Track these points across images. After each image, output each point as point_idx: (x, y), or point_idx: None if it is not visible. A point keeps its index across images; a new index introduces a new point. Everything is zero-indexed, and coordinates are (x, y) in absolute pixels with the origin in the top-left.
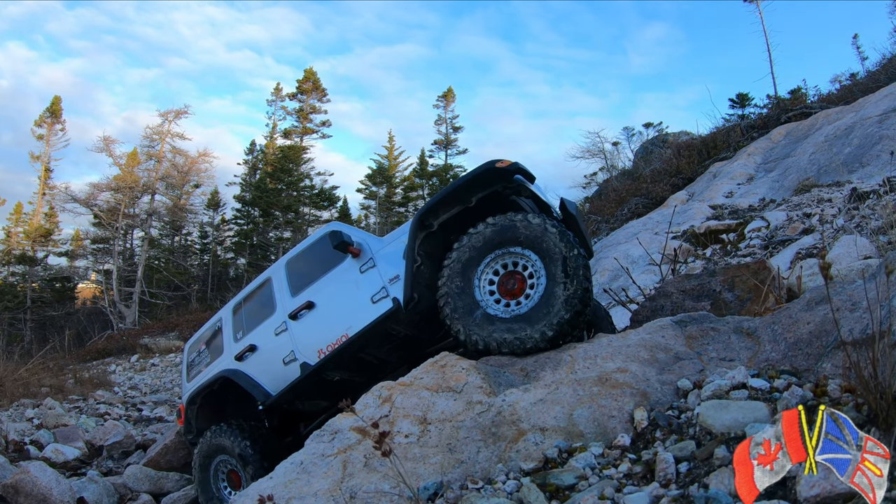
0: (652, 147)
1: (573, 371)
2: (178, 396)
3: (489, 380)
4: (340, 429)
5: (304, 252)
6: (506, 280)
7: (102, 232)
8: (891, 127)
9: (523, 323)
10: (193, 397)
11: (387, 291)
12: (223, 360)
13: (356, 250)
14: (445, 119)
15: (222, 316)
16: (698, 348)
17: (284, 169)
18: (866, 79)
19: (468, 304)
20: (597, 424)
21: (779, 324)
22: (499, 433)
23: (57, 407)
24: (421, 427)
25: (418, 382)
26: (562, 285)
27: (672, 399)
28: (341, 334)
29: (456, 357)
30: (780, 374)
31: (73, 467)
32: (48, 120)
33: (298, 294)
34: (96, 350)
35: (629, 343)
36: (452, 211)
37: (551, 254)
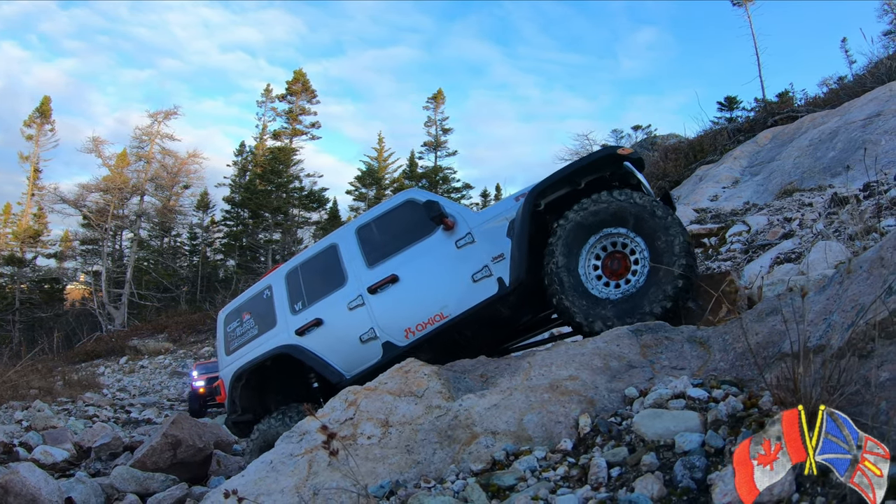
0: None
1: (528, 378)
2: (167, 399)
3: (449, 385)
4: (308, 430)
5: (380, 219)
6: (609, 260)
7: (91, 233)
8: (874, 132)
9: (635, 302)
10: (240, 374)
11: (490, 270)
12: (278, 333)
13: (451, 223)
14: (435, 121)
15: (271, 283)
16: (652, 357)
17: (274, 170)
18: (853, 82)
19: (576, 284)
20: (544, 429)
21: (730, 334)
22: (454, 436)
23: (46, 409)
24: (383, 429)
25: (382, 387)
26: (669, 257)
27: (618, 406)
28: (435, 313)
29: (419, 364)
30: (721, 385)
31: (62, 468)
32: (38, 120)
33: (376, 266)
34: (85, 352)
35: (584, 351)
36: (560, 192)
37: (654, 232)
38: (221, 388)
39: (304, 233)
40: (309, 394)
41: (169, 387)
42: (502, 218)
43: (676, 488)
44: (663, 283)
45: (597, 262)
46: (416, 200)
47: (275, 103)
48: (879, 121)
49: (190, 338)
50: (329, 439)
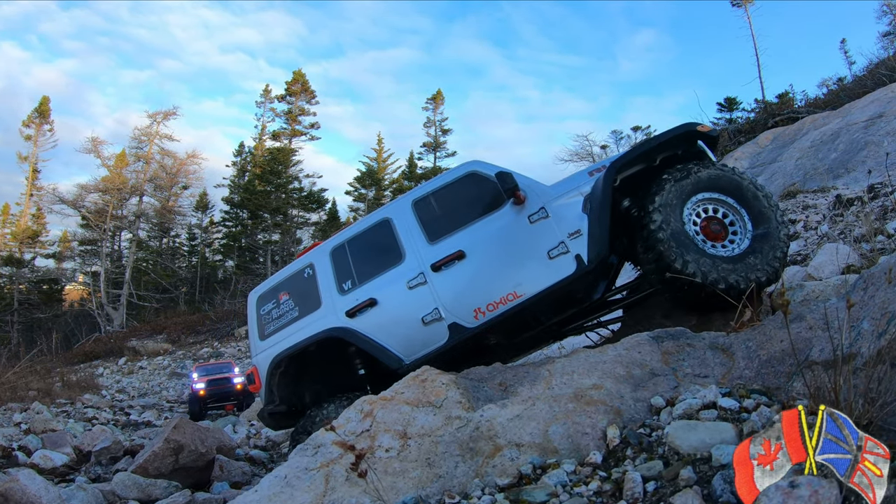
0: None
1: (550, 387)
2: (167, 400)
3: (468, 395)
4: (323, 443)
5: (439, 192)
6: (709, 223)
7: (90, 233)
8: (876, 133)
9: (744, 262)
10: (279, 360)
11: (567, 247)
12: (323, 315)
13: (523, 196)
14: (434, 121)
15: (313, 260)
16: (674, 364)
17: (273, 171)
18: (853, 84)
19: (686, 239)
20: (571, 441)
21: (753, 340)
22: (476, 448)
23: (45, 411)
24: (401, 441)
25: (399, 397)
26: (768, 232)
27: (645, 416)
28: (507, 292)
29: (437, 372)
30: (750, 394)
31: (62, 473)
32: (36, 120)
33: (439, 241)
34: (84, 353)
35: (605, 359)
36: (636, 168)
37: (754, 203)
38: (255, 376)
39: (303, 233)
40: (350, 381)
41: (168, 388)
42: (577, 193)
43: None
44: (766, 254)
45: (696, 221)
46: (480, 173)
47: (274, 104)
48: (881, 122)
49: (189, 339)
50: (358, 459)
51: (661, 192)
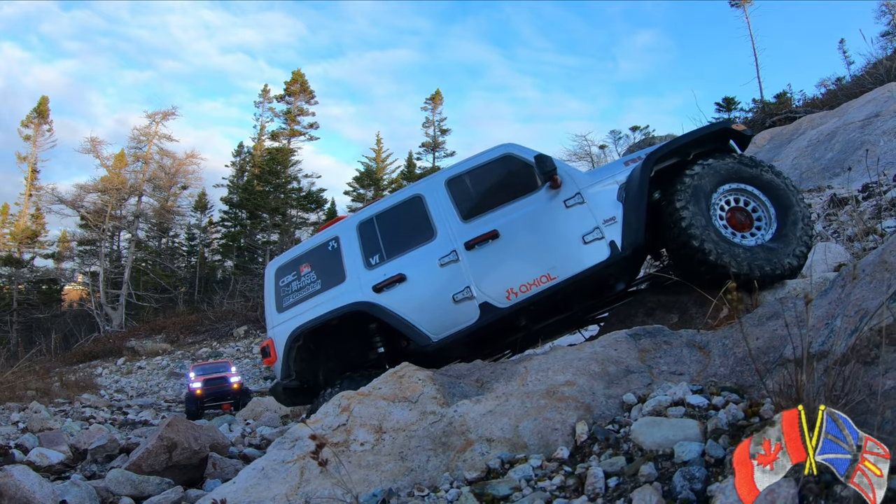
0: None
1: (525, 383)
2: (164, 400)
3: (444, 391)
4: (300, 436)
5: (475, 171)
6: (734, 213)
7: (89, 234)
8: (873, 132)
9: (772, 251)
10: (299, 333)
11: (602, 233)
12: (349, 288)
13: (559, 181)
14: (433, 121)
15: (339, 234)
16: (650, 361)
17: (272, 171)
18: (851, 83)
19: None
20: (540, 437)
21: (729, 338)
22: (448, 443)
23: (42, 411)
24: (376, 436)
25: (376, 392)
26: (793, 210)
27: (616, 413)
28: (541, 274)
29: (414, 368)
30: (721, 391)
31: (58, 471)
32: (35, 120)
33: (473, 220)
34: (83, 353)
35: (582, 356)
36: (670, 161)
37: (779, 193)
38: (271, 348)
39: (302, 234)
40: (368, 361)
41: (166, 388)
42: (612, 181)
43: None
44: (791, 243)
45: (722, 213)
46: (515, 155)
47: (273, 104)
48: (878, 122)
49: (188, 339)
50: (318, 448)
51: (687, 184)
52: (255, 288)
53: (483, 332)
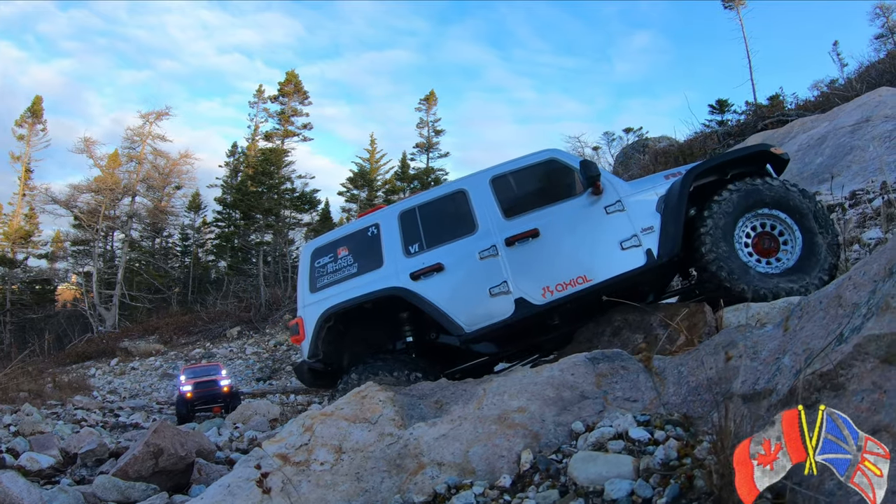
0: (632, 152)
1: (480, 407)
2: (157, 402)
3: (402, 412)
4: (265, 454)
5: (518, 173)
6: (761, 238)
7: (83, 234)
8: (862, 137)
9: (798, 274)
10: (331, 314)
11: (639, 240)
12: (385, 274)
13: (602, 187)
14: (427, 122)
15: (380, 221)
16: (606, 387)
17: (265, 172)
18: (844, 86)
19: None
20: (488, 463)
21: (685, 365)
22: (402, 465)
23: (34, 413)
24: (336, 455)
25: (339, 412)
26: (819, 235)
27: (564, 441)
28: (578, 275)
29: (377, 388)
30: (665, 425)
31: (48, 475)
32: (29, 120)
33: (514, 218)
34: (76, 353)
35: (538, 380)
36: (709, 178)
37: (801, 210)
38: (301, 326)
39: (296, 234)
40: (392, 348)
41: (159, 389)
42: (652, 192)
43: None
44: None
45: (748, 239)
46: (559, 160)
47: (267, 104)
48: (868, 126)
49: (181, 339)
50: (263, 477)
51: (714, 210)
52: (249, 289)
53: (516, 328)
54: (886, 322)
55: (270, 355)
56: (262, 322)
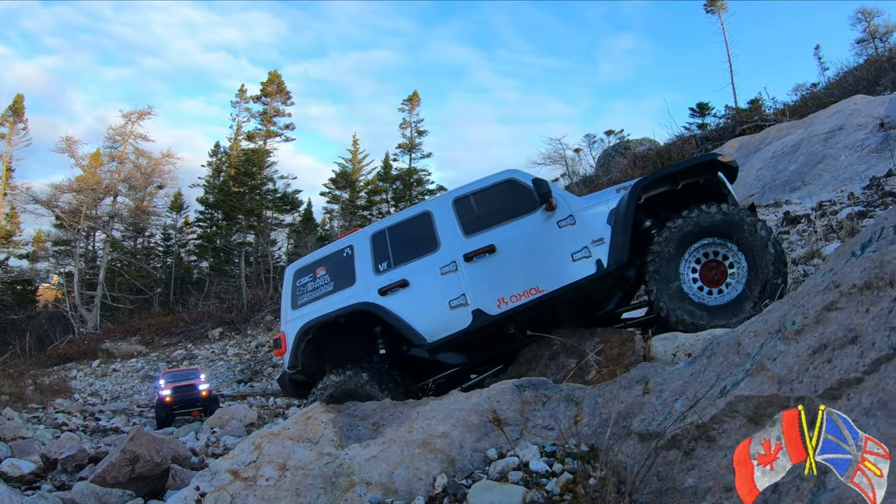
0: (614, 153)
1: (410, 431)
2: (137, 405)
3: (341, 434)
4: (218, 470)
5: (479, 193)
6: (707, 268)
7: (64, 234)
8: (834, 146)
9: (731, 309)
10: (308, 328)
11: (589, 252)
12: (357, 290)
13: (554, 203)
14: (410, 123)
15: (354, 242)
16: (528, 414)
17: (247, 172)
18: (822, 92)
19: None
20: (409, 484)
21: (602, 396)
22: (337, 483)
23: (16, 417)
24: (280, 472)
25: (285, 432)
26: (763, 277)
27: (478, 467)
28: (531, 286)
29: (322, 410)
30: (565, 458)
31: (29, 481)
32: (10, 119)
33: (474, 235)
34: (57, 355)
35: (466, 406)
36: (660, 189)
37: (752, 247)
38: (283, 341)
39: (278, 234)
40: (369, 359)
41: (140, 391)
42: (604, 206)
43: None
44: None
45: (696, 266)
46: (517, 180)
47: (249, 104)
48: (841, 135)
49: (162, 340)
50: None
51: (663, 237)
52: (231, 290)
53: (473, 336)
54: (757, 384)
55: (252, 356)
56: (244, 323)
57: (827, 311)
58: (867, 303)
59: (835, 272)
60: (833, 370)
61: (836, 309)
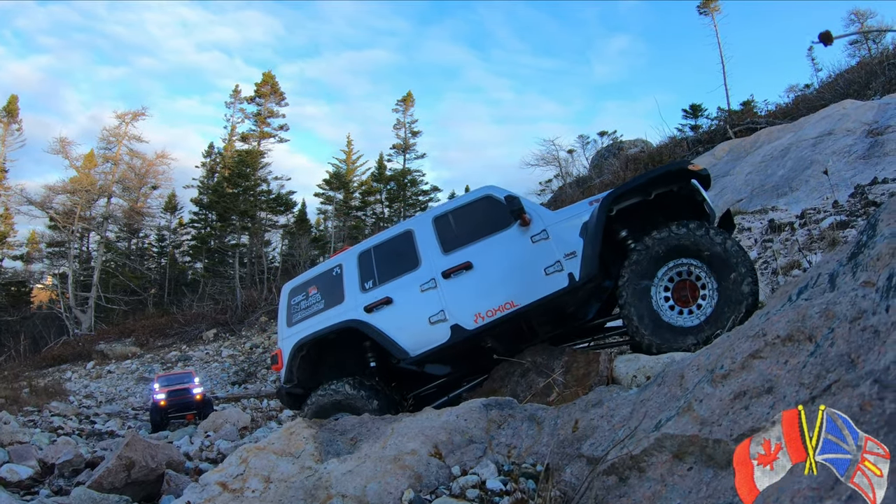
0: (607, 153)
1: (385, 447)
2: (132, 407)
3: (322, 448)
4: (208, 482)
5: (458, 211)
6: (680, 288)
7: (58, 235)
8: (823, 151)
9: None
10: (302, 345)
11: (562, 265)
12: (345, 308)
13: (528, 219)
14: (405, 123)
15: (342, 262)
16: (493, 432)
17: (241, 174)
18: (814, 94)
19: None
20: (379, 498)
21: (560, 418)
22: (315, 495)
23: (12, 421)
24: (265, 485)
25: (270, 447)
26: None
27: (443, 483)
28: (505, 301)
29: (304, 426)
30: (519, 477)
31: (27, 486)
32: (4, 120)
33: (452, 252)
34: (52, 356)
35: (436, 424)
36: (632, 200)
37: (721, 266)
38: (279, 357)
39: (272, 236)
40: (363, 372)
41: (135, 393)
42: (576, 219)
43: None
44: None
45: (668, 285)
46: (494, 197)
47: (243, 105)
48: (830, 140)
49: (157, 342)
50: None
51: (633, 259)
52: (225, 291)
53: (453, 350)
54: (683, 423)
55: (246, 358)
56: (239, 324)
57: (752, 358)
58: (787, 355)
59: (768, 316)
60: (748, 417)
61: (759, 357)
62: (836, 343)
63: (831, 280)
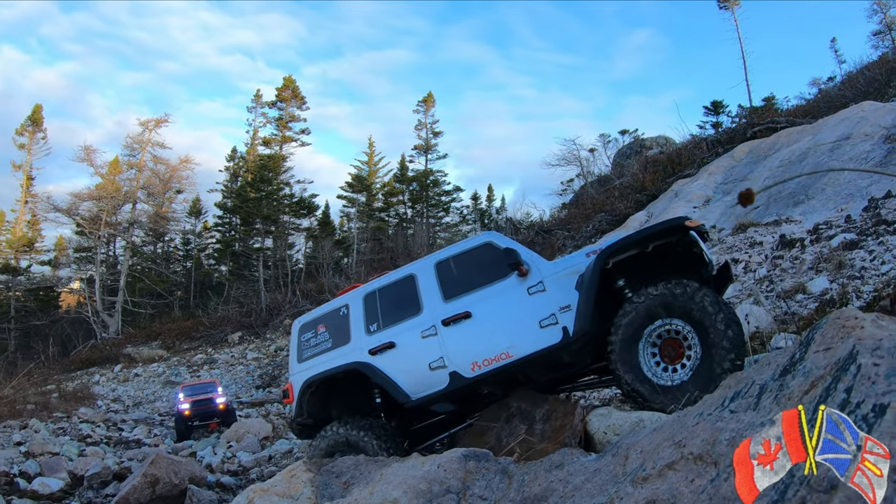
0: (629, 151)
1: (372, 493)
2: (158, 413)
3: (317, 492)
4: None
5: (459, 257)
6: (665, 345)
7: (85, 241)
8: (840, 157)
9: (682, 390)
10: (311, 382)
11: (556, 319)
12: (351, 349)
13: (526, 270)
14: (426, 124)
15: (349, 302)
16: (469, 483)
17: (264, 179)
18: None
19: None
20: None
21: (528, 475)
22: None
23: (42, 429)
24: None
25: (273, 489)
26: (715, 358)
27: None
28: (502, 351)
29: (304, 469)
30: None
31: (58, 498)
32: (29, 129)
33: (452, 300)
34: (80, 360)
35: (418, 473)
36: (629, 253)
37: (703, 323)
38: (290, 391)
39: (296, 239)
40: (370, 406)
41: (161, 397)
42: (572, 271)
43: None
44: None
45: (657, 342)
46: (494, 244)
47: (265, 109)
48: (847, 145)
49: (183, 345)
50: None
51: (623, 317)
52: (249, 293)
53: (451, 397)
54: None
55: (271, 361)
56: (263, 327)
57: (668, 468)
58: (694, 474)
59: (701, 416)
60: None
61: (674, 469)
62: (729, 480)
63: (759, 395)
